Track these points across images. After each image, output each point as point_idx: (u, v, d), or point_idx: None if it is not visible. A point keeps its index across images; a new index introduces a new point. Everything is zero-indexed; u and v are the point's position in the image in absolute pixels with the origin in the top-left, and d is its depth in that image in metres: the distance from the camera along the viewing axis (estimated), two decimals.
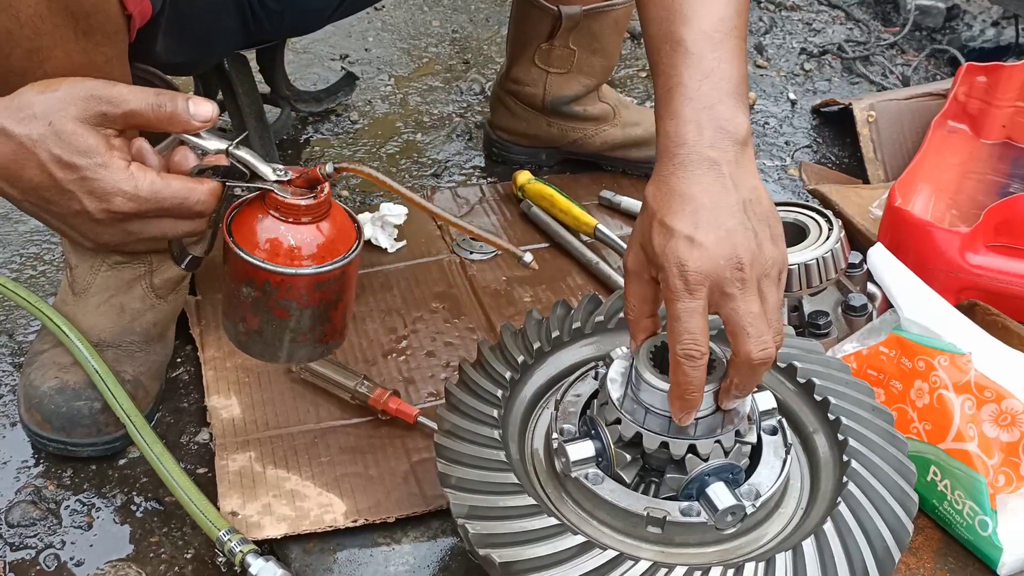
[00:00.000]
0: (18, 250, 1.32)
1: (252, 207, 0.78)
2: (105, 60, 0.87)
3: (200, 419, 1.07)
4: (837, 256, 1.09)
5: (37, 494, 0.99)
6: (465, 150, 1.61)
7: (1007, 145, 1.48)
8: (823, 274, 1.08)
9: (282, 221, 0.76)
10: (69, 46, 0.83)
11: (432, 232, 1.35)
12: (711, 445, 0.80)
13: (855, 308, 1.09)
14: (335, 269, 0.78)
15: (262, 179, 0.76)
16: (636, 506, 0.79)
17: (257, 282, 0.77)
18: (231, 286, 0.80)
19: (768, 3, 2.18)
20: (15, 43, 0.80)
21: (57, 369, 1.01)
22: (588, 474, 0.82)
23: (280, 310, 0.79)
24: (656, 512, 0.79)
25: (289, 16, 1.19)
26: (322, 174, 0.77)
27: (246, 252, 0.76)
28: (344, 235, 0.80)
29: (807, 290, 1.08)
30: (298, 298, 0.78)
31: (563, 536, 0.74)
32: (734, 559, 0.79)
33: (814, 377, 0.90)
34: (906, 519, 0.79)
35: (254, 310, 0.79)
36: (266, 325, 0.80)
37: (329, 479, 0.97)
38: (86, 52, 0.84)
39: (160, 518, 0.98)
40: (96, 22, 0.84)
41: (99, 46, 0.85)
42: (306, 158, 1.57)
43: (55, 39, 0.82)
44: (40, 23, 0.80)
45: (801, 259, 1.08)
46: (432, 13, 2.06)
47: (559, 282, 1.27)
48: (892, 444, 0.84)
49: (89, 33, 0.84)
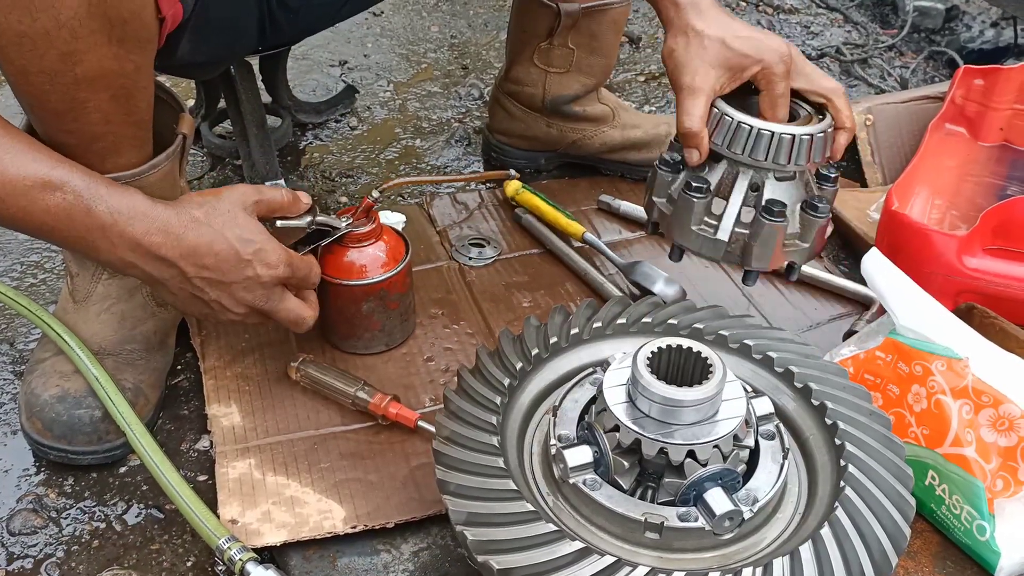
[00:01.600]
0: (19, 259, 1.33)
1: (332, 253, 1.07)
2: (134, 68, 0.88)
3: (200, 426, 1.08)
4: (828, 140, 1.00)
5: (38, 502, 0.99)
6: (464, 155, 1.61)
7: (1005, 148, 1.49)
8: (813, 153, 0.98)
9: (365, 247, 1.07)
10: (102, 51, 0.84)
11: (431, 238, 1.35)
12: (709, 450, 0.80)
13: (816, 209, 1.00)
14: (409, 260, 1.10)
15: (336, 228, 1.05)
16: (634, 512, 0.80)
17: (375, 295, 1.09)
18: (350, 311, 1.10)
19: (766, 6, 2.18)
20: (51, 44, 0.81)
21: (58, 377, 1.02)
22: (586, 480, 0.82)
23: (393, 303, 1.11)
24: (654, 518, 0.79)
25: (305, 14, 1.20)
26: (371, 199, 1.07)
27: (358, 280, 1.07)
28: (396, 237, 1.12)
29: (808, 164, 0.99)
30: (400, 288, 1.11)
31: (561, 542, 0.75)
32: (732, 564, 0.79)
33: (811, 382, 0.90)
34: (903, 524, 0.79)
35: (376, 316, 1.11)
36: (386, 321, 1.12)
37: (329, 485, 0.98)
38: (117, 59, 0.86)
39: (161, 526, 0.98)
40: (131, 29, 0.85)
41: (130, 53, 0.87)
42: (305, 164, 1.57)
43: (89, 44, 0.83)
44: (78, 26, 0.81)
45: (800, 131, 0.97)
46: (431, 19, 2.06)
47: (558, 287, 1.27)
48: (890, 449, 0.85)
49: (123, 40, 0.85)
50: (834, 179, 1.04)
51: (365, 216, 1.07)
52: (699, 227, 1.00)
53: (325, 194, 1.50)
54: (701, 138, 0.98)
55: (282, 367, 1.10)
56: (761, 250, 0.98)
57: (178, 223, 0.88)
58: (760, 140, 0.96)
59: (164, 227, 0.88)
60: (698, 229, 1.00)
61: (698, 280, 1.29)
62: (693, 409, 0.80)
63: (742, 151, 0.96)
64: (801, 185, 1.01)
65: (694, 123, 0.97)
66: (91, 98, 0.86)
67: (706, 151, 0.99)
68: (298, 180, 1.53)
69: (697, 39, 0.99)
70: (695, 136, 0.98)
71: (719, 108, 0.97)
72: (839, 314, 1.25)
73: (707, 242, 1.00)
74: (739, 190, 0.99)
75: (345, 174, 1.55)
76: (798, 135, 0.96)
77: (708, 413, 0.81)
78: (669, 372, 0.84)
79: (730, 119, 0.96)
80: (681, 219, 1.00)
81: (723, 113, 0.97)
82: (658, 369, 0.83)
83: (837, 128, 1.00)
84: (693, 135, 0.97)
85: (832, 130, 0.99)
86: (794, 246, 1.00)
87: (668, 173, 1.03)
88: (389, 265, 1.08)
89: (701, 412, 0.80)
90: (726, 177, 0.99)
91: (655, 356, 0.82)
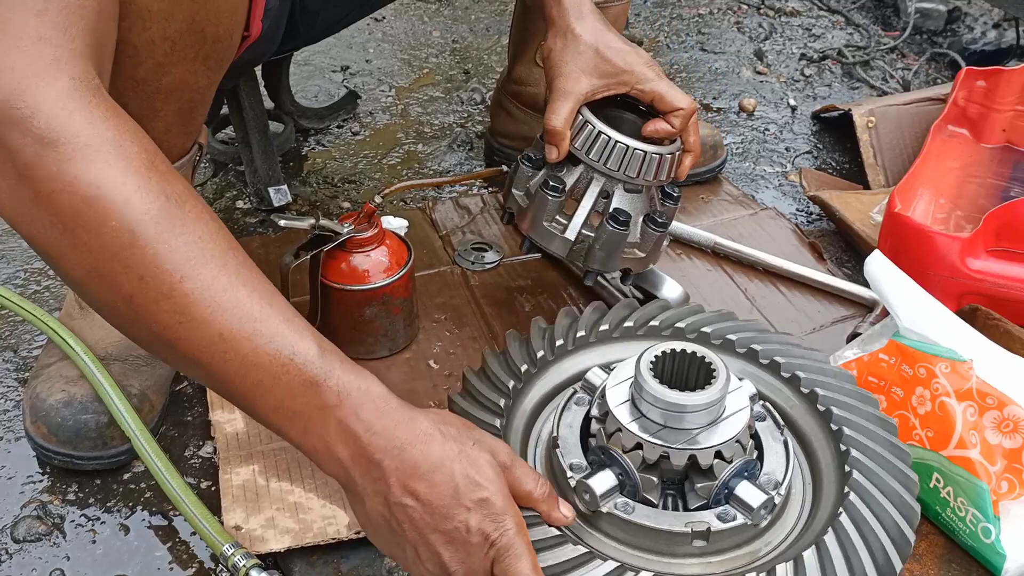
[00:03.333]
0: (23, 265, 1.33)
1: (334, 258, 1.06)
2: (208, 83, 0.90)
3: (204, 432, 1.08)
4: (676, 161, 1.06)
5: (42, 509, 0.99)
6: (466, 160, 1.61)
7: (1007, 149, 1.49)
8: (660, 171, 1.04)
9: (367, 252, 1.07)
10: (186, 66, 0.85)
11: (434, 243, 1.35)
12: (733, 446, 0.80)
13: (656, 223, 1.05)
14: (411, 265, 1.10)
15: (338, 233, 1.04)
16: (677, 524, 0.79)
17: (377, 300, 1.08)
18: (353, 316, 1.09)
19: (768, 9, 2.18)
20: (150, 54, 0.81)
21: (64, 382, 1.02)
22: (617, 504, 0.80)
23: (395, 308, 1.11)
24: (698, 525, 0.78)
25: (323, 17, 1.21)
26: (373, 204, 1.07)
27: (361, 285, 1.07)
28: (398, 242, 1.12)
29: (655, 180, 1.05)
30: (402, 293, 1.10)
31: (563, 547, 0.75)
32: (736, 568, 0.79)
33: (817, 387, 0.90)
34: (908, 530, 0.79)
35: (379, 321, 1.10)
36: (389, 326, 1.12)
37: (332, 490, 0.98)
38: (195, 74, 0.86)
39: (164, 532, 0.98)
40: (219, 48, 0.86)
41: (208, 71, 0.88)
42: (308, 170, 1.57)
43: (180, 57, 0.83)
44: (177, 39, 0.82)
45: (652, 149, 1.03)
46: (432, 23, 2.07)
47: (560, 291, 1.27)
48: (895, 455, 0.84)
49: (207, 58, 0.86)
50: (676, 198, 1.12)
51: (367, 221, 1.07)
52: (550, 224, 1.06)
53: (327, 199, 1.50)
54: (562, 137, 1.03)
55: None
56: (603, 253, 1.05)
57: (408, 430, 0.71)
58: (615, 151, 1.02)
59: (391, 427, 0.70)
60: (549, 225, 1.06)
61: (701, 284, 1.29)
62: (707, 412, 0.79)
63: (599, 159, 1.03)
64: (647, 199, 1.07)
65: (558, 123, 1.02)
66: (163, 108, 0.87)
67: (565, 151, 1.04)
68: (300, 186, 1.53)
69: (574, 43, 1.04)
70: (557, 135, 1.03)
71: (584, 115, 1.03)
72: (842, 317, 1.25)
73: (555, 239, 1.06)
74: (591, 195, 1.05)
75: (347, 179, 1.55)
76: (649, 152, 1.02)
77: (720, 412, 0.81)
78: (669, 377, 0.84)
79: (592, 127, 1.03)
80: (535, 214, 1.06)
81: (587, 120, 1.03)
82: (660, 375, 0.82)
83: (684, 151, 1.07)
84: (556, 133, 1.03)
85: (680, 152, 1.07)
86: (632, 254, 1.07)
87: (529, 168, 1.08)
88: (392, 270, 1.08)
89: (715, 412, 0.80)
90: (581, 181, 1.06)
91: (656, 362, 0.82)
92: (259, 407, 0.71)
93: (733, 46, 2.04)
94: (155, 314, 0.68)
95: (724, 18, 2.16)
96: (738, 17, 2.16)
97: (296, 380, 0.69)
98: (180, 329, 0.68)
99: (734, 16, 2.16)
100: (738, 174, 1.60)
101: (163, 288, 0.67)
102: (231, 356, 0.68)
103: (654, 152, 1.03)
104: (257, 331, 0.68)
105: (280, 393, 0.69)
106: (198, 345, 0.68)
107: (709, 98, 1.84)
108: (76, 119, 0.66)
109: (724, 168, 1.53)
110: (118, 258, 0.66)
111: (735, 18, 2.15)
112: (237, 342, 0.68)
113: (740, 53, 2.01)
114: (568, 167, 1.07)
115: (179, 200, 0.68)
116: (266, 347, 0.68)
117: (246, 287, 0.69)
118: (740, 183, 1.57)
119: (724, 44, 2.05)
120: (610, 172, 1.03)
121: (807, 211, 1.52)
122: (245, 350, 0.68)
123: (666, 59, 1.98)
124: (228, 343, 0.68)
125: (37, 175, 0.66)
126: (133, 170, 0.67)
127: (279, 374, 0.69)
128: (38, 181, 0.66)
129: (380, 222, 1.09)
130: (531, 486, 0.75)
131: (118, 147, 0.67)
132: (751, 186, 1.57)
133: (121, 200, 0.66)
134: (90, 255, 0.67)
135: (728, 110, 1.80)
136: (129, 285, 0.67)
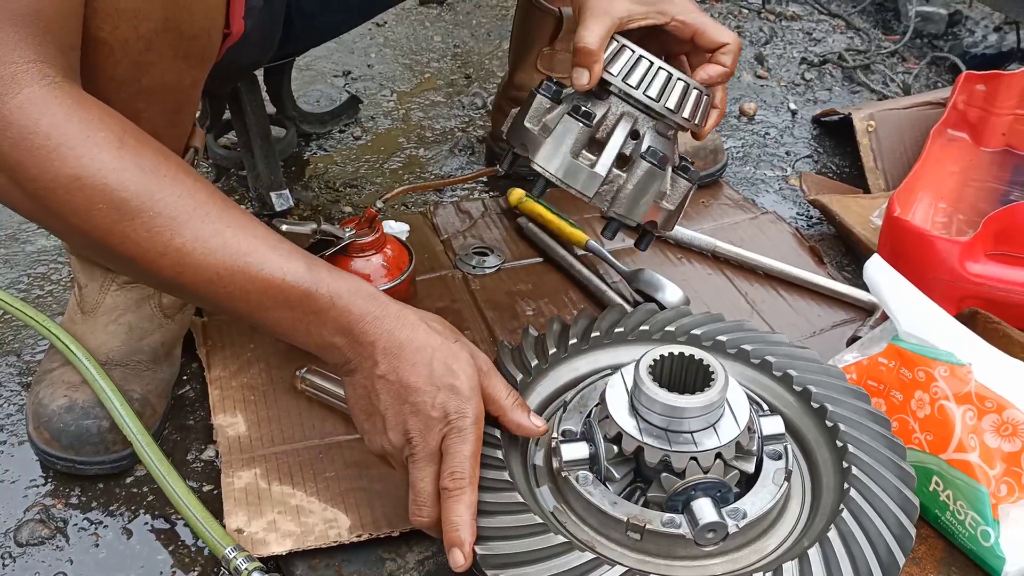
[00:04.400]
0: (26, 270, 1.34)
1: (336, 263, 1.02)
2: (191, 82, 0.90)
3: (206, 436, 1.08)
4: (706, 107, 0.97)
5: (46, 513, 1.00)
6: (468, 164, 1.62)
7: (1007, 153, 1.49)
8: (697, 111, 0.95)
9: (368, 257, 1.08)
10: (166, 64, 0.86)
11: (435, 247, 1.36)
12: (712, 458, 0.81)
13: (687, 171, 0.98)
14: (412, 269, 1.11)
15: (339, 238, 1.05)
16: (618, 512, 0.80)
17: None
18: None
19: (768, 13, 2.19)
20: (127, 53, 0.82)
21: (66, 388, 1.02)
22: (579, 476, 0.83)
23: None
24: (638, 520, 0.79)
25: (320, 21, 1.21)
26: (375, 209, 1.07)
27: None
28: (399, 247, 1.13)
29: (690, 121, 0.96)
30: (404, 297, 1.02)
31: (570, 554, 0.75)
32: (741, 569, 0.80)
33: (811, 386, 0.91)
34: (908, 524, 0.79)
35: None
36: None
37: (334, 494, 0.98)
38: (178, 72, 0.87)
39: (167, 536, 0.99)
40: (198, 46, 0.87)
41: (191, 69, 0.89)
42: (310, 175, 1.58)
43: (159, 55, 0.85)
44: (153, 38, 0.83)
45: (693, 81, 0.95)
46: (434, 28, 2.07)
47: (561, 295, 1.28)
48: (891, 449, 0.85)
49: (188, 56, 0.87)
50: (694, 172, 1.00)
51: (368, 226, 1.07)
52: (577, 157, 0.94)
53: (329, 204, 1.51)
54: (596, 59, 0.91)
55: (287, 377, 1.11)
56: (634, 195, 0.95)
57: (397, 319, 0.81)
58: (656, 78, 0.92)
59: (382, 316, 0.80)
60: (575, 159, 0.94)
61: (702, 288, 1.30)
62: (697, 417, 0.80)
63: (637, 86, 0.92)
64: (672, 148, 0.98)
65: (593, 41, 0.91)
66: (147, 109, 0.87)
67: (598, 75, 0.92)
68: (302, 190, 1.54)
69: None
70: (591, 55, 0.91)
71: (619, 40, 0.93)
72: (842, 320, 1.25)
73: (582, 174, 0.94)
74: (621, 131, 0.94)
75: (349, 184, 1.56)
76: (691, 84, 0.94)
77: (711, 420, 0.81)
78: (671, 379, 0.85)
79: (631, 51, 0.93)
80: (558, 146, 0.94)
81: (623, 45, 0.93)
82: (660, 377, 0.83)
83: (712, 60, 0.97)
84: (589, 54, 0.91)
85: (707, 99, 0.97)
86: (660, 205, 0.97)
87: (548, 99, 0.96)
88: (393, 274, 1.09)
89: (704, 419, 0.80)
90: (609, 116, 0.95)
91: (657, 364, 0.83)
92: (264, 322, 0.81)
93: None
94: (157, 269, 0.77)
95: (725, 22, 2.17)
96: (739, 21, 2.16)
97: (291, 294, 0.78)
98: (182, 277, 0.77)
99: (735, 20, 2.17)
100: (738, 178, 1.60)
101: (159, 248, 0.76)
102: (232, 288, 0.77)
103: (694, 85, 0.94)
104: (248, 263, 0.77)
105: (279, 308, 0.79)
106: (200, 285, 0.78)
107: None
108: (43, 124, 0.73)
109: (724, 172, 1.54)
110: (112, 233, 0.75)
111: (736, 22, 2.16)
112: (233, 276, 0.77)
113: (741, 57, 2.01)
114: (593, 100, 0.95)
115: (153, 169, 0.76)
116: (260, 274, 0.78)
117: (231, 227, 0.78)
118: (740, 187, 1.57)
119: None
120: (648, 103, 0.93)
121: (807, 215, 1.52)
122: (241, 281, 0.77)
123: None
124: (226, 279, 0.77)
125: (24, 178, 0.74)
126: (106, 155, 0.74)
127: (275, 294, 0.78)
128: (26, 183, 0.74)
129: (381, 227, 1.09)
130: (502, 394, 0.84)
131: (86, 138, 0.74)
132: (751, 190, 1.58)
133: (101, 185, 0.74)
134: (87, 236, 0.76)
135: (729, 114, 1.81)
136: (128, 252, 0.76)
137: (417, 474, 0.81)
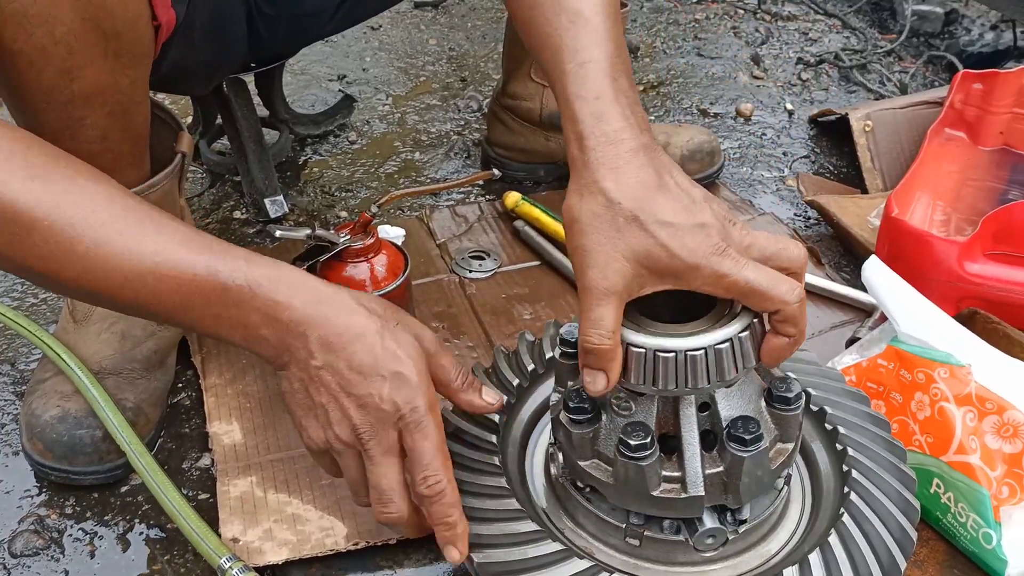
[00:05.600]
0: (19, 279, 1.33)
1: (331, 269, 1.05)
2: (130, 82, 0.88)
3: (201, 444, 1.08)
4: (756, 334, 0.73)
5: (40, 523, 0.99)
6: (463, 168, 1.61)
7: (1005, 151, 1.48)
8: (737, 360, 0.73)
9: (363, 262, 1.06)
10: (98, 66, 0.83)
11: (431, 252, 1.35)
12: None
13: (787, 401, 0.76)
14: (408, 274, 1.09)
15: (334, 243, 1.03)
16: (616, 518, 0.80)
17: None
18: None
19: (764, 13, 2.18)
20: (48, 61, 0.80)
21: (59, 398, 1.01)
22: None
23: None
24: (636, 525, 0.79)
25: (285, 23, 1.19)
26: (370, 214, 1.04)
27: None
28: (395, 251, 1.11)
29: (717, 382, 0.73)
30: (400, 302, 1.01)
31: (569, 561, 0.75)
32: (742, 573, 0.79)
33: (810, 388, 0.90)
34: (909, 528, 0.79)
35: None
36: None
37: (330, 502, 0.97)
38: (113, 73, 0.85)
39: (162, 545, 0.98)
40: (126, 42, 0.84)
41: (125, 68, 0.86)
42: (305, 179, 1.57)
43: (86, 58, 0.82)
44: (73, 41, 0.80)
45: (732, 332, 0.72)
46: (429, 32, 2.07)
47: (558, 299, 1.27)
48: (891, 452, 0.85)
49: (118, 54, 0.84)
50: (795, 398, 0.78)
51: (364, 231, 1.07)
52: (660, 491, 0.75)
53: (324, 209, 1.50)
54: (614, 356, 0.71)
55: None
56: (750, 481, 0.74)
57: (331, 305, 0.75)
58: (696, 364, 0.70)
59: (312, 302, 0.75)
60: (661, 493, 0.74)
61: None
62: None
63: (673, 384, 0.71)
64: (754, 378, 0.78)
65: (605, 338, 0.69)
66: (88, 115, 0.86)
67: (616, 376, 0.72)
68: (297, 195, 1.53)
69: (608, 211, 0.70)
70: (606, 354, 0.70)
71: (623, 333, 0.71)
72: (841, 322, 1.25)
73: (679, 504, 0.75)
74: (688, 421, 0.74)
75: (344, 188, 1.55)
76: (735, 337, 0.71)
77: None
78: None
79: (641, 351, 0.71)
80: (634, 488, 0.74)
81: (628, 344, 0.71)
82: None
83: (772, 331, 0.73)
84: (604, 353, 0.70)
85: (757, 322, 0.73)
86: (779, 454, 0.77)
87: (584, 428, 0.76)
88: (388, 279, 1.08)
89: None
90: (661, 411, 0.75)
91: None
92: (188, 323, 0.76)
93: (730, 51, 2.04)
94: (66, 280, 0.73)
95: (721, 23, 2.16)
96: (735, 22, 2.16)
97: (207, 290, 0.73)
98: (93, 285, 0.73)
99: (731, 21, 2.17)
100: (735, 179, 1.60)
101: (61, 259, 0.72)
102: (144, 291, 0.73)
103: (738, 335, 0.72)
104: (156, 264, 0.73)
105: (198, 306, 0.74)
106: (113, 291, 0.73)
107: (706, 103, 1.84)
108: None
109: (721, 173, 1.53)
110: (15, 248, 0.72)
111: (732, 23, 2.15)
112: (143, 278, 0.73)
113: (737, 58, 2.01)
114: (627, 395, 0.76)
115: (44, 176, 0.72)
116: (170, 273, 0.73)
117: (136, 227, 0.73)
118: (738, 188, 1.56)
119: (721, 49, 2.05)
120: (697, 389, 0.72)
121: (805, 216, 1.51)
122: (152, 282, 0.73)
123: (663, 64, 1.98)
124: (136, 282, 0.73)
125: None
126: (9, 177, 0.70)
127: (190, 292, 0.73)
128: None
129: (377, 232, 1.09)
130: (452, 375, 0.80)
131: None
132: (748, 191, 1.57)
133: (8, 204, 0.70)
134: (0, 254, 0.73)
135: (725, 115, 1.80)
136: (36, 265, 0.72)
137: (377, 471, 0.76)
